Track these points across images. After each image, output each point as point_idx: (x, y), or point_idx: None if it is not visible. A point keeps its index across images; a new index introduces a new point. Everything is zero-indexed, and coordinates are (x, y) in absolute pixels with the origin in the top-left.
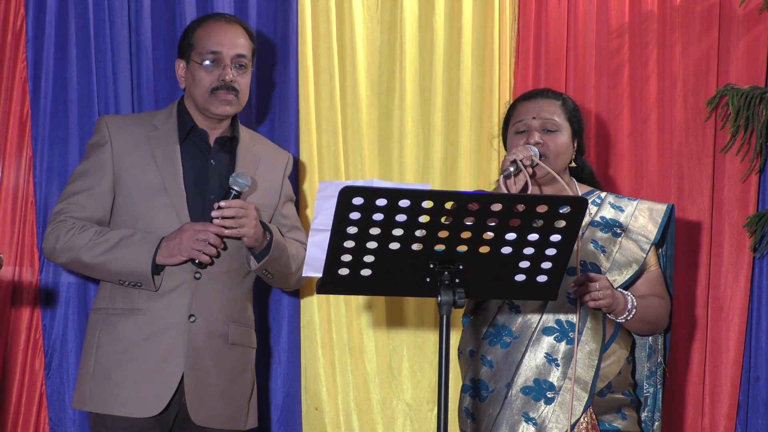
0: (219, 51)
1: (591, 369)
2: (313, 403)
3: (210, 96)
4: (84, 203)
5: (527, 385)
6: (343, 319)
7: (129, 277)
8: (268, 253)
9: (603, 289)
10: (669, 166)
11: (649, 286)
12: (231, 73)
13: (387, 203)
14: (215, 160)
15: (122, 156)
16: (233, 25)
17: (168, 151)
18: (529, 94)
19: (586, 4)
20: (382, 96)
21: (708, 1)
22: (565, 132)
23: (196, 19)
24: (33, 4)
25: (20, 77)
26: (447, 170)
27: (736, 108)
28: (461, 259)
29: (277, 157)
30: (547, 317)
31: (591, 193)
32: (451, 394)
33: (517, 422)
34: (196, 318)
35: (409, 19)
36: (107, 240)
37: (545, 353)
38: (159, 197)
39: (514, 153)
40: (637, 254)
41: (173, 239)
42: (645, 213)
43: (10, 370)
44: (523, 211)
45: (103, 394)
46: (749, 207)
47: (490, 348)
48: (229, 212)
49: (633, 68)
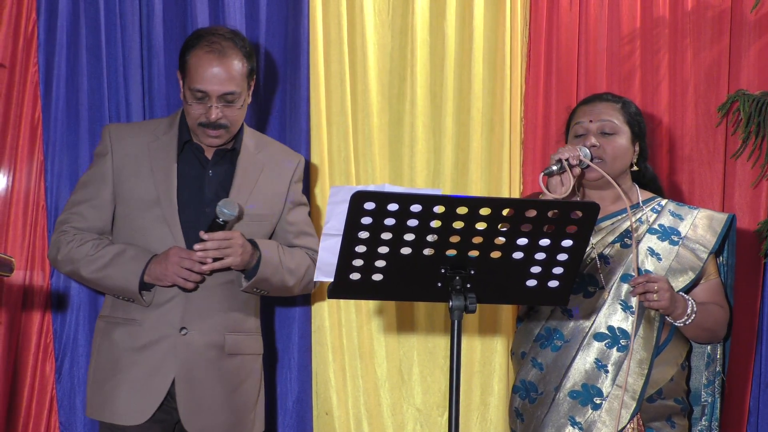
0: (204, 90)
1: (641, 378)
2: (324, 407)
3: (198, 128)
4: (85, 213)
5: (575, 390)
6: (353, 323)
7: (120, 293)
8: (255, 274)
9: (662, 290)
10: (680, 171)
11: (708, 294)
12: (216, 112)
13: (399, 208)
14: (213, 171)
15: (122, 167)
16: (223, 58)
17: (165, 163)
18: (589, 99)
19: (598, 10)
20: (393, 101)
21: (719, 7)
22: (624, 135)
23: (195, 33)
24: (45, 8)
25: (32, 82)
26: (458, 175)
27: (747, 113)
28: (473, 264)
29: (284, 162)
30: (599, 323)
31: (651, 200)
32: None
33: (563, 425)
34: (188, 330)
35: (420, 25)
36: (102, 256)
37: (595, 359)
38: (153, 210)
39: (560, 152)
40: (694, 262)
41: (159, 264)
42: (704, 222)
43: (21, 374)
44: (535, 216)
45: (99, 402)
46: (760, 213)
47: (540, 351)
48: (212, 245)
49: (644, 73)
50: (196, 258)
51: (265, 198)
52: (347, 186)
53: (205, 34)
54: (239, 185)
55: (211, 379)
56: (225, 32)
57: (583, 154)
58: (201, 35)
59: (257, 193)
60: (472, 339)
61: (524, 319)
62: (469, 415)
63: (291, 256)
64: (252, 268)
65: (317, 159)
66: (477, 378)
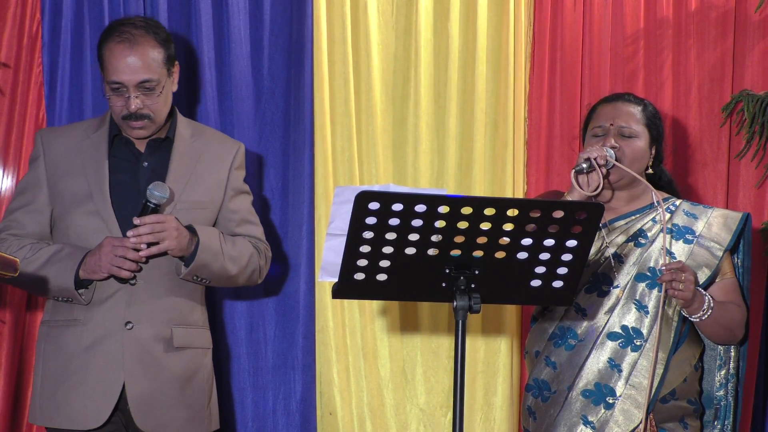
0: (120, 81)
1: (656, 378)
2: (328, 407)
3: (122, 121)
4: (23, 220)
5: (588, 389)
6: (357, 324)
7: (58, 293)
8: (193, 259)
9: (688, 281)
10: (684, 171)
11: (724, 293)
12: (135, 102)
13: (403, 208)
14: (148, 162)
15: (54, 168)
16: (136, 46)
17: (95, 158)
18: (610, 98)
19: (602, 10)
20: (396, 101)
21: (723, 7)
22: (643, 138)
23: (107, 27)
24: (49, 8)
25: (36, 81)
26: (461, 176)
27: (751, 114)
28: (477, 264)
29: (223, 149)
30: (613, 322)
31: (666, 200)
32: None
33: (575, 424)
34: (133, 324)
35: (424, 25)
36: (38, 258)
37: (608, 358)
38: (86, 205)
39: (589, 151)
40: (710, 260)
41: (94, 255)
42: (719, 220)
43: (26, 373)
44: (540, 216)
45: (51, 408)
46: (764, 213)
47: (554, 349)
48: (144, 229)
49: (648, 74)
50: (130, 245)
51: (205, 185)
52: (351, 186)
53: (117, 26)
54: (175, 173)
55: (159, 373)
56: (137, 21)
57: (609, 155)
58: (113, 27)
59: (195, 181)
60: (475, 339)
61: (539, 318)
62: (473, 416)
63: (233, 244)
64: (191, 254)
65: (321, 159)
66: (481, 378)
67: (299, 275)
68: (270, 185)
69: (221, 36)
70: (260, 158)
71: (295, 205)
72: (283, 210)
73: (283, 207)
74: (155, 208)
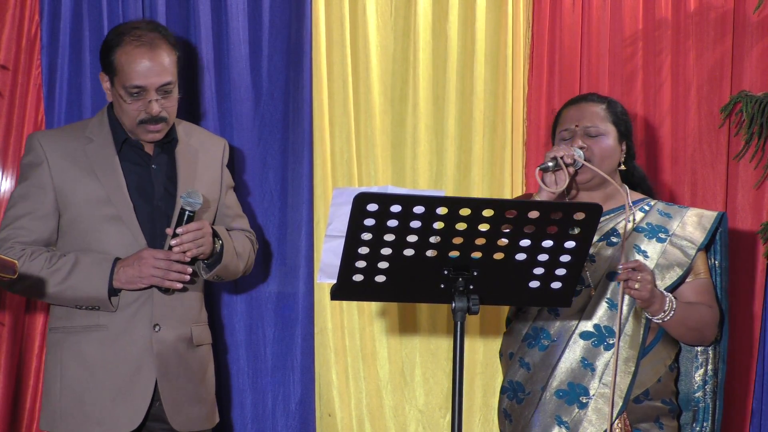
0: (143, 85)
1: (627, 376)
2: (326, 409)
3: (138, 126)
4: (30, 226)
5: (561, 389)
6: (356, 325)
7: (86, 302)
8: (220, 262)
9: (644, 281)
10: (682, 173)
11: (696, 293)
12: (156, 106)
13: (401, 210)
14: (156, 164)
15: (61, 173)
16: (155, 49)
17: (107, 162)
18: (573, 100)
19: (600, 11)
20: (395, 103)
21: (722, 8)
22: (611, 136)
23: (115, 31)
24: (47, 10)
25: (35, 84)
26: (460, 177)
27: (750, 115)
28: (475, 265)
29: (213, 146)
30: (585, 322)
31: (640, 201)
32: (465, 400)
33: (549, 425)
34: (160, 327)
35: (423, 26)
36: (59, 269)
37: (581, 357)
38: (105, 209)
39: (555, 150)
40: (681, 259)
41: (131, 266)
42: (694, 219)
43: (25, 376)
44: (538, 217)
45: (76, 415)
46: (763, 214)
47: (528, 350)
48: (188, 237)
49: (647, 75)
50: (175, 257)
51: (205, 184)
52: (350, 188)
53: (128, 30)
54: (184, 175)
55: (183, 372)
56: (147, 24)
57: (578, 155)
58: (123, 32)
59: (199, 180)
60: (474, 340)
61: (513, 319)
62: (472, 417)
63: (237, 241)
64: (216, 256)
65: (320, 161)
66: (479, 379)
67: (298, 277)
68: (269, 187)
69: (220, 38)
70: (259, 160)
71: (294, 206)
72: (282, 211)
73: (282, 208)
74: (191, 216)
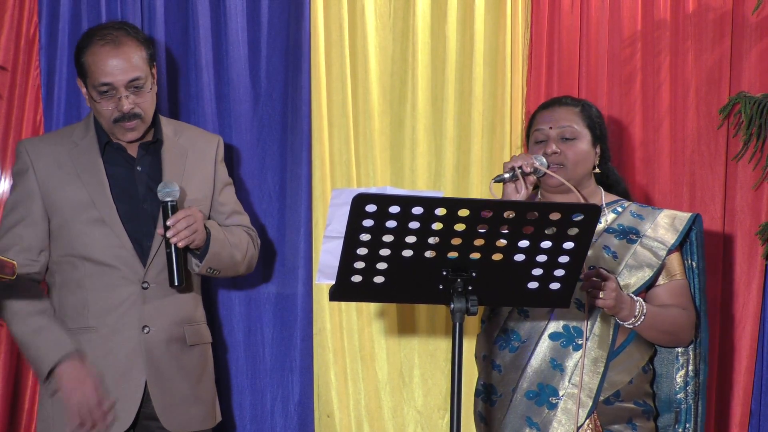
0: (110, 82)
1: (596, 376)
2: (325, 410)
3: (114, 125)
4: (23, 234)
5: (531, 390)
6: (354, 326)
7: (32, 365)
8: (207, 251)
9: (608, 289)
10: (681, 174)
11: (671, 295)
12: (127, 102)
13: (400, 210)
14: (141, 166)
15: (47, 178)
16: (120, 46)
17: (90, 165)
18: (547, 103)
19: (599, 12)
20: (394, 104)
21: (721, 9)
22: (585, 139)
23: (84, 35)
24: (46, 11)
25: (33, 84)
26: (459, 178)
27: (749, 116)
28: (474, 266)
29: (205, 144)
30: (554, 323)
31: (614, 203)
32: (463, 401)
33: (520, 426)
34: (149, 328)
35: (422, 27)
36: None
37: (551, 358)
38: (89, 212)
39: (514, 160)
40: (651, 260)
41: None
42: (666, 221)
43: (23, 378)
44: (536, 218)
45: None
46: (761, 215)
47: (499, 352)
48: (182, 225)
49: (645, 76)
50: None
51: (196, 182)
52: (348, 189)
53: (95, 32)
54: (170, 175)
55: (177, 373)
56: (114, 24)
57: (539, 162)
58: (91, 34)
59: (187, 179)
60: (473, 341)
61: (486, 321)
62: (470, 418)
63: (231, 233)
64: (203, 247)
65: (318, 162)
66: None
67: (297, 277)
68: (267, 188)
69: (219, 38)
70: (258, 160)
71: (293, 207)
72: (280, 212)
73: (280, 209)
74: (174, 205)
